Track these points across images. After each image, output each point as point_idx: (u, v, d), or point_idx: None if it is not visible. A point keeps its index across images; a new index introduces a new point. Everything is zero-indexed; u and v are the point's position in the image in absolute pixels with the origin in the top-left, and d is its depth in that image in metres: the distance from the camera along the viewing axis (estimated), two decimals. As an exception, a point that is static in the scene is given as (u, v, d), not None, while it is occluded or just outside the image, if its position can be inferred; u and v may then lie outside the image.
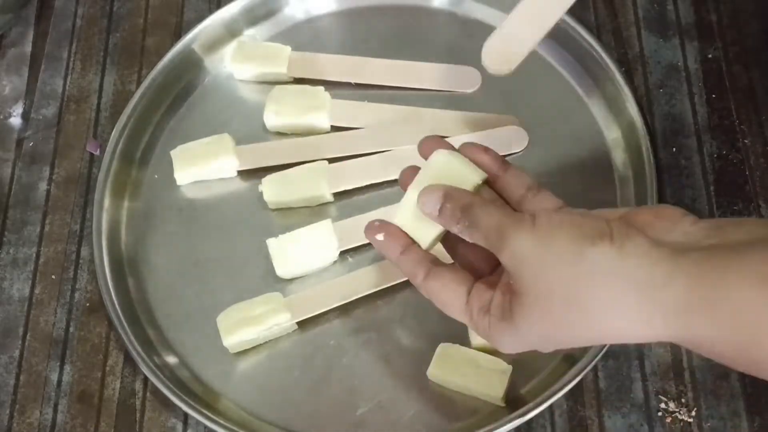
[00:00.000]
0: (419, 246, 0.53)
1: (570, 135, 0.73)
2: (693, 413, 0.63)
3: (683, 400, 0.64)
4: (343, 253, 0.70)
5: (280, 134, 0.75)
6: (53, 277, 0.72)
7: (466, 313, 0.51)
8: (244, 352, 0.67)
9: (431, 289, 0.52)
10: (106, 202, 0.73)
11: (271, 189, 0.72)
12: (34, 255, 0.73)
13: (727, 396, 0.64)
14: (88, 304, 0.71)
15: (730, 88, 0.75)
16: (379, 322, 0.68)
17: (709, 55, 0.76)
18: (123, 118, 0.75)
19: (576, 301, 0.46)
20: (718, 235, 0.45)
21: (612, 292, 0.45)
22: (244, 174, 0.74)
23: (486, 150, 0.54)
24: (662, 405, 0.64)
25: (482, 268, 0.53)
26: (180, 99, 0.78)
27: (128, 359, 0.68)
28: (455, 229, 0.50)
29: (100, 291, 0.69)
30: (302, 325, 0.67)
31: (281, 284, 0.69)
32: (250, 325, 0.66)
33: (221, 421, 0.63)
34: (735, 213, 0.70)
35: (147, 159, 0.76)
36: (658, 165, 0.70)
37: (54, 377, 0.68)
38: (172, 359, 0.68)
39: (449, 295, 0.51)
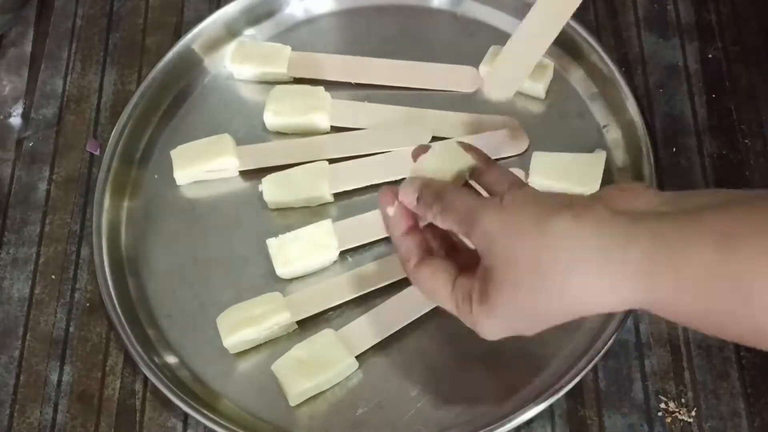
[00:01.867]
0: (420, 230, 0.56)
1: (570, 135, 0.73)
2: (693, 413, 0.63)
3: (683, 400, 0.64)
4: (343, 253, 0.70)
5: (280, 134, 0.75)
6: (53, 277, 0.72)
7: (452, 300, 0.53)
8: (244, 352, 0.67)
9: (420, 275, 0.55)
10: (106, 202, 0.73)
11: (271, 189, 0.72)
12: (34, 255, 0.73)
13: (727, 396, 0.64)
14: (88, 304, 0.71)
15: (730, 88, 0.75)
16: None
17: (709, 55, 0.76)
18: (123, 118, 0.75)
19: (540, 268, 0.47)
20: (677, 201, 0.47)
21: (573, 256, 0.46)
22: (244, 174, 0.74)
23: (472, 147, 0.58)
24: (662, 405, 0.64)
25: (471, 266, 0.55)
26: (180, 99, 0.78)
27: (128, 359, 0.68)
28: (430, 216, 0.54)
29: (100, 291, 0.69)
30: (302, 324, 0.67)
31: (281, 284, 0.69)
32: (250, 326, 0.66)
33: (221, 421, 0.63)
34: (735, 213, 0.70)
35: (147, 159, 0.76)
36: (658, 165, 0.70)
37: (54, 377, 0.68)
38: (172, 359, 0.68)
39: (437, 283, 0.54)
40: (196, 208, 0.74)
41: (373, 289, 0.68)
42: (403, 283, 0.67)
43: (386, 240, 0.70)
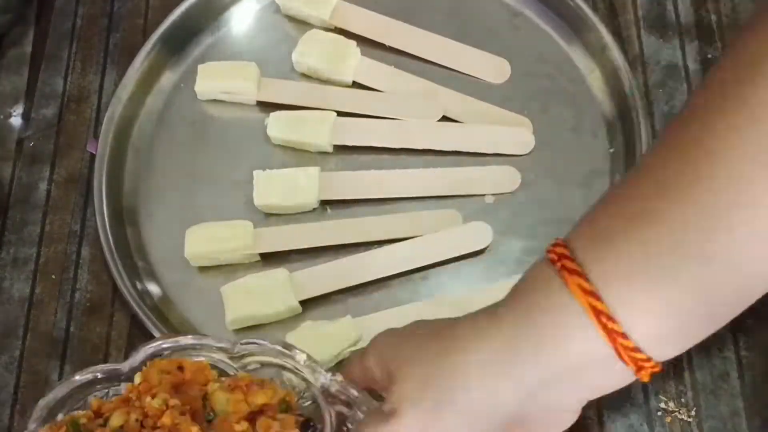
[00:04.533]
0: None
1: (574, 139, 0.73)
2: (693, 413, 0.63)
3: (683, 400, 0.64)
4: (324, 204, 0.71)
5: (306, 77, 0.77)
6: (53, 277, 0.72)
7: None
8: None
9: None
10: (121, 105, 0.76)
11: (277, 125, 0.73)
12: (34, 255, 0.73)
13: (727, 396, 0.64)
14: (88, 304, 0.71)
15: (730, 88, 0.75)
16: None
17: (709, 55, 0.76)
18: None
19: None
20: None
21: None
22: (261, 105, 0.76)
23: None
24: (662, 405, 0.64)
25: None
26: (221, 25, 0.80)
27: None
28: None
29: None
30: (265, 259, 0.69)
31: (259, 217, 0.71)
32: (215, 244, 0.68)
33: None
34: (735, 213, 0.70)
35: (176, 69, 0.79)
36: (658, 165, 0.70)
37: (54, 377, 0.68)
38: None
39: None
40: (206, 122, 0.76)
41: (339, 243, 0.69)
42: (374, 245, 0.69)
43: (369, 201, 0.71)
